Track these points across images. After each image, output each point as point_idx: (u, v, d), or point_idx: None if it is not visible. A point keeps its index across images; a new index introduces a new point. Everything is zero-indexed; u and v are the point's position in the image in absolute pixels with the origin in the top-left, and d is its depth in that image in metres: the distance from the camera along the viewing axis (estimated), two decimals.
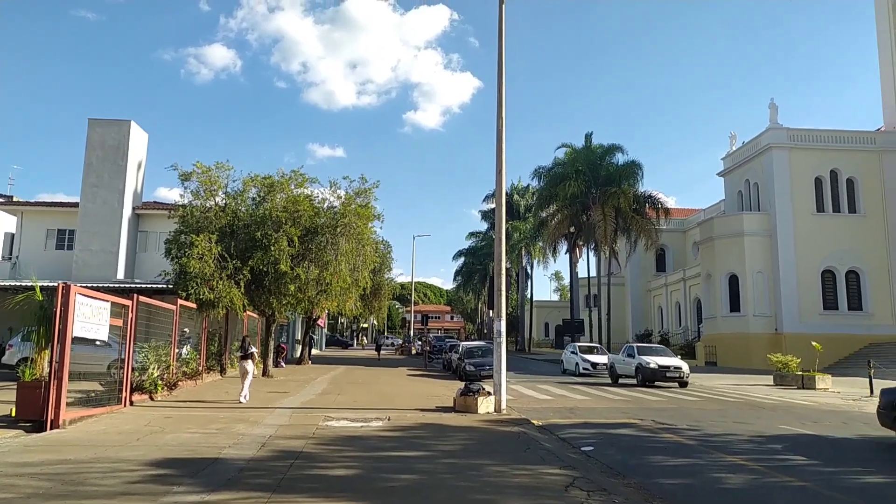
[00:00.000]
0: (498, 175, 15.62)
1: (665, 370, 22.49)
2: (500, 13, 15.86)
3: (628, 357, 24.30)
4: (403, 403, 15.34)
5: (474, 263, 66.78)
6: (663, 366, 22.60)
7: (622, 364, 24.61)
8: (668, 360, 23.08)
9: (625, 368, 24.35)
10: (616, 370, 25.04)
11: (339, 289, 22.89)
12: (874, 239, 35.68)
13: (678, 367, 22.61)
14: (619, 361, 24.99)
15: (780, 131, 36.70)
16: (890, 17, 37.30)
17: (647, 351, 24.46)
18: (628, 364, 24.02)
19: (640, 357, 23.35)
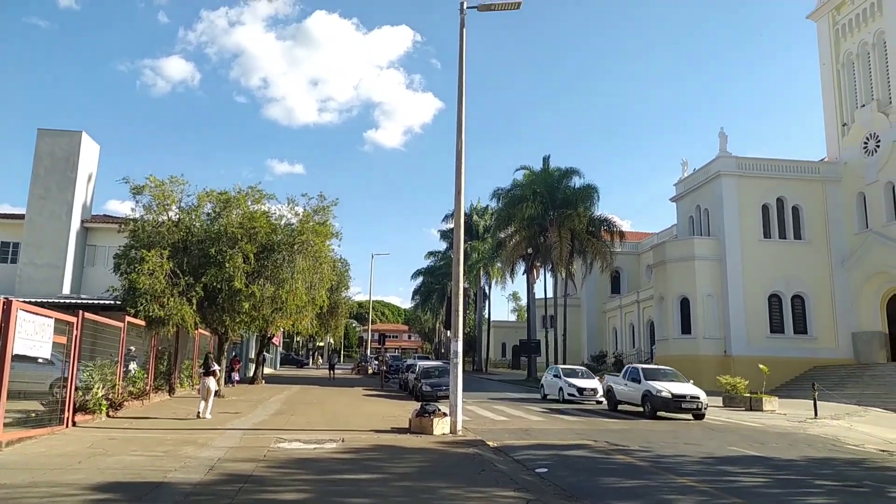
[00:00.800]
0: (457, 196, 15.73)
1: (680, 400, 18.97)
2: (461, 38, 16.08)
3: (632, 382, 20.93)
4: (358, 424, 15.15)
5: (433, 283, 66.74)
6: (679, 395, 19.05)
7: (624, 389, 21.40)
8: (683, 388, 19.53)
9: (627, 395, 21.16)
10: (615, 396, 21.94)
11: (294, 307, 22.55)
12: (818, 265, 37.05)
13: (695, 396, 19.08)
14: (619, 386, 21.83)
15: (730, 159, 37.97)
16: (832, 52, 39.20)
17: (656, 375, 20.77)
18: (632, 390, 20.72)
19: (649, 383, 19.94)
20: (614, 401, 21.96)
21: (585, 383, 25.41)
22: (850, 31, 38.12)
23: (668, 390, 19.21)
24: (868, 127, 36.03)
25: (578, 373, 27.11)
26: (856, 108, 37.25)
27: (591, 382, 25.57)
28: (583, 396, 24.79)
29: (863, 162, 36.10)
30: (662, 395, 19.18)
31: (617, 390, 21.95)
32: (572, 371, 27.24)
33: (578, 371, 27.53)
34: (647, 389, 19.74)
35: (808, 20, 41.27)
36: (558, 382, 25.89)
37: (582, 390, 24.93)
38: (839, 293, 36.39)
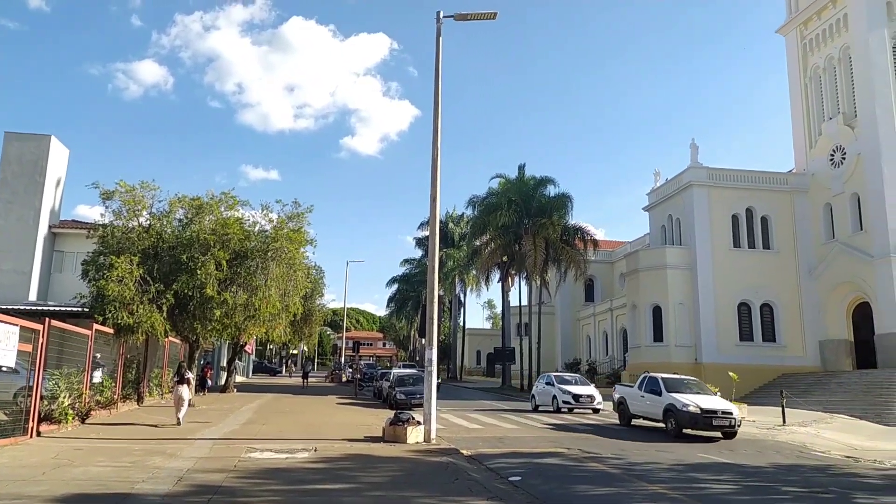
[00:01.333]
0: (432, 203, 15.75)
1: (711, 416, 16.30)
2: (438, 47, 16.15)
3: (650, 394, 18.37)
4: (331, 433, 15.03)
5: (408, 290, 66.61)
6: (709, 410, 16.36)
7: (640, 403, 18.82)
8: (712, 402, 17.07)
9: (644, 409, 18.68)
10: (629, 410, 19.40)
11: (268, 314, 22.37)
12: (786, 274, 37.78)
13: (727, 411, 16.51)
14: (633, 398, 19.18)
15: (701, 170, 38.60)
16: (800, 66, 40.14)
17: (679, 386, 18.16)
18: (651, 404, 18.18)
19: (672, 395, 17.36)
20: (627, 415, 19.34)
21: (581, 390, 24.04)
22: (817, 46, 39.09)
23: (696, 404, 16.43)
24: (834, 139, 36.92)
25: (572, 380, 25.80)
26: (823, 120, 38.15)
27: (587, 389, 24.32)
28: (579, 404, 23.41)
29: (829, 174, 36.96)
30: (690, 409, 16.37)
31: (631, 403, 19.27)
32: (565, 378, 26.01)
33: (572, 378, 26.22)
34: (671, 403, 17.01)
35: (777, 34, 42.26)
36: (551, 390, 24.60)
37: (578, 397, 23.50)
38: (806, 302, 37.13)
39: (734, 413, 16.54)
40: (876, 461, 14.13)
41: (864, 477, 11.79)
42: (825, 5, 38.00)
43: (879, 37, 34.71)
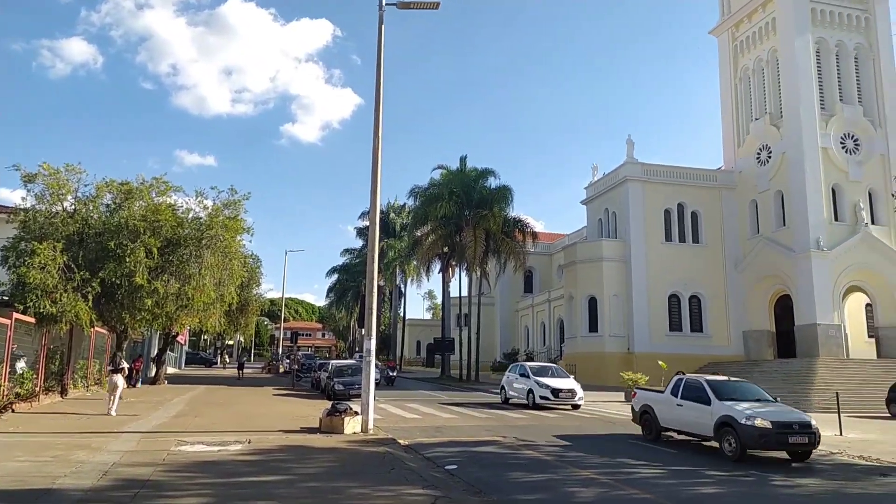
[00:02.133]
0: (373, 194, 15.65)
1: (786, 433, 12.01)
2: (380, 34, 15.99)
3: (690, 401, 13.60)
4: (266, 425, 14.78)
5: (348, 280, 66.01)
6: (783, 424, 12.09)
7: (676, 413, 14.02)
8: (783, 413, 12.69)
9: (683, 420, 13.86)
10: (657, 421, 14.62)
11: (201, 304, 21.74)
12: (713, 267, 39.42)
13: (804, 423, 12.30)
14: (664, 407, 14.47)
15: (636, 166, 39.75)
16: (730, 67, 41.77)
17: (730, 390, 13.56)
18: (694, 414, 13.45)
19: (726, 405, 12.71)
20: (655, 427, 14.68)
21: (561, 383, 22.04)
22: (747, 48, 40.75)
23: (765, 418, 12.02)
24: (761, 139, 38.63)
25: (549, 370, 23.45)
26: (751, 120, 39.85)
27: (567, 382, 22.22)
28: (559, 399, 21.54)
29: (756, 171, 38.67)
30: (757, 424, 11.84)
31: (660, 411, 14.58)
32: (542, 368, 23.64)
33: (549, 368, 23.84)
34: (728, 416, 12.36)
35: (710, 35, 43.80)
36: (526, 383, 22.56)
37: (558, 392, 21.53)
38: (732, 294, 38.83)
39: (812, 425, 12.21)
40: None
41: (780, 462, 12.45)
42: (755, 9, 39.62)
43: (805, 41, 36.46)
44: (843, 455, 13.17)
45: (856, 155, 36.25)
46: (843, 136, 36.34)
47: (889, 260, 34.87)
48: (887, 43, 37.47)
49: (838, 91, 37.10)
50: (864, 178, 36.00)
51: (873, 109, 37.17)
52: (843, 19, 37.82)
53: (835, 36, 37.50)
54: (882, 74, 37.45)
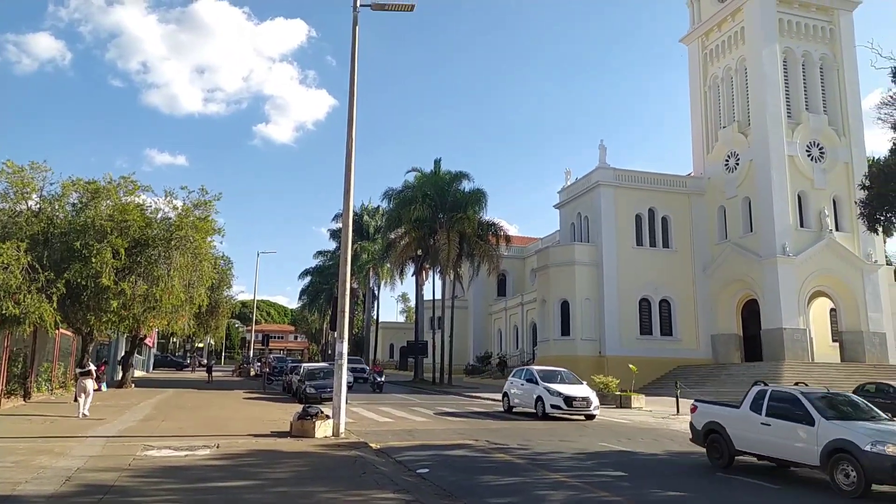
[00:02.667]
0: (346, 195, 15.58)
1: None
2: (354, 35, 15.93)
3: (779, 418, 10.94)
4: (236, 429, 14.58)
5: (321, 283, 65.52)
6: None
7: (759, 434, 11.15)
8: None
9: (768, 439, 11.05)
10: (730, 442, 11.59)
11: (170, 306, 21.43)
12: (683, 272, 40.03)
13: None
14: (742, 425, 11.43)
15: (608, 171, 40.20)
16: (700, 75, 42.54)
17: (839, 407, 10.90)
18: (785, 433, 10.74)
19: (838, 425, 10.05)
20: (727, 450, 11.61)
21: (574, 390, 19.73)
22: (716, 57, 41.53)
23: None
24: (730, 146, 39.37)
25: (558, 375, 20.96)
26: (720, 127, 40.60)
27: (581, 389, 19.94)
28: (572, 409, 19.18)
29: (724, 178, 39.38)
30: (890, 453, 9.17)
31: (736, 432, 11.51)
32: (551, 373, 21.04)
33: (558, 373, 21.20)
34: (844, 440, 9.68)
35: (681, 43, 44.53)
36: (534, 390, 20.05)
37: (571, 400, 19.12)
38: (701, 298, 39.46)
39: None
40: None
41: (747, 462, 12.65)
42: (725, 18, 40.39)
43: (772, 51, 37.28)
44: None
45: (821, 163, 37.15)
46: (809, 144, 37.23)
47: (852, 266, 35.79)
48: (851, 54, 38.48)
49: (804, 100, 38.01)
50: (829, 185, 36.92)
51: (838, 119, 38.15)
52: (810, 30, 38.78)
53: (801, 46, 38.43)
54: (846, 85, 38.47)
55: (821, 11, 39.17)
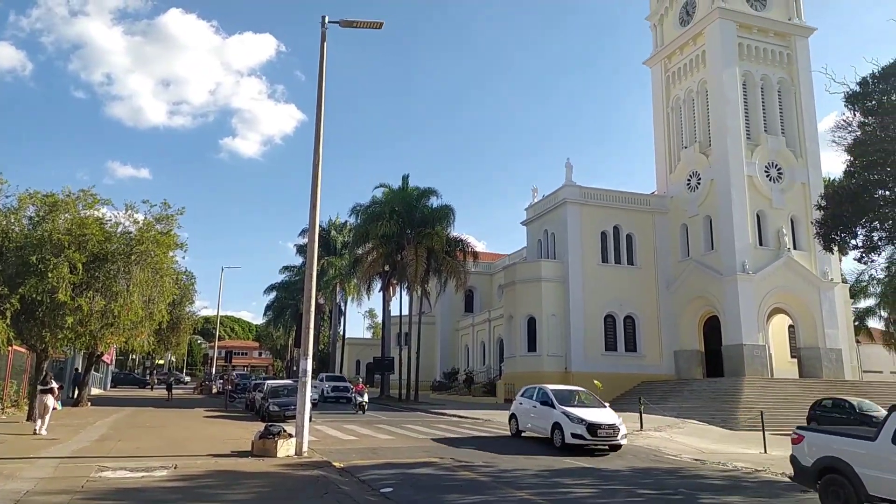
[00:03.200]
0: (312, 210, 15.49)
1: None
2: (322, 51, 15.95)
3: None
4: (195, 449, 14.23)
5: (287, 298, 64.77)
6: None
7: None
8: None
9: None
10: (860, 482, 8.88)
11: (128, 322, 20.86)
12: (647, 289, 40.58)
13: None
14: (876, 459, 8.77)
15: (574, 188, 40.70)
16: (663, 96, 43.52)
17: None
18: None
19: None
20: (856, 497, 8.94)
21: (599, 415, 16.36)
22: (678, 79, 42.57)
23: None
24: (691, 166, 40.25)
25: (575, 396, 17.92)
26: (682, 147, 41.50)
27: (606, 415, 16.59)
28: (597, 438, 15.72)
29: (686, 197, 40.20)
30: None
31: (869, 472, 8.86)
32: (568, 394, 17.93)
33: (574, 394, 18.20)
34: None
35: (644, 65, 45.55)
36: (551, 414, 16.87)
37: (596, 428, 15.72)
38: (664, 315, 40.04)
39: None
40: (720, 463, 15.41)
41: (709, 478, 12.81)
42: (687, 42, 41.48)
43: (732, 74, 38.36)
44: (767, 472, 13.66)
45: (779, 183, 38.20)
46: (768, 164, 38.28)
47: (809, 284, 36.76)
48: (807, 79, 39.79)
49: (763, 122, 39.13)
50: (787, 205, 37.95)
51: (795, 140, 39.34)
52: (768, 55, 40.04)
53: (760, 70, 39.63)
54: (803, 108, 39.73)
55: (778, 37, 40.50)
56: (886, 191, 17.62)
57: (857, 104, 18.16)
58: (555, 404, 16.91)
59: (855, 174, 18.05)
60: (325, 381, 39.83)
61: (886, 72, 17.79)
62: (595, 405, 17.35)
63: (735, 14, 39.13)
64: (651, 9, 45.33)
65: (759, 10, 40.28)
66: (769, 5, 40.62)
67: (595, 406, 17.31)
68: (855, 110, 18.41)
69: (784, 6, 41.09)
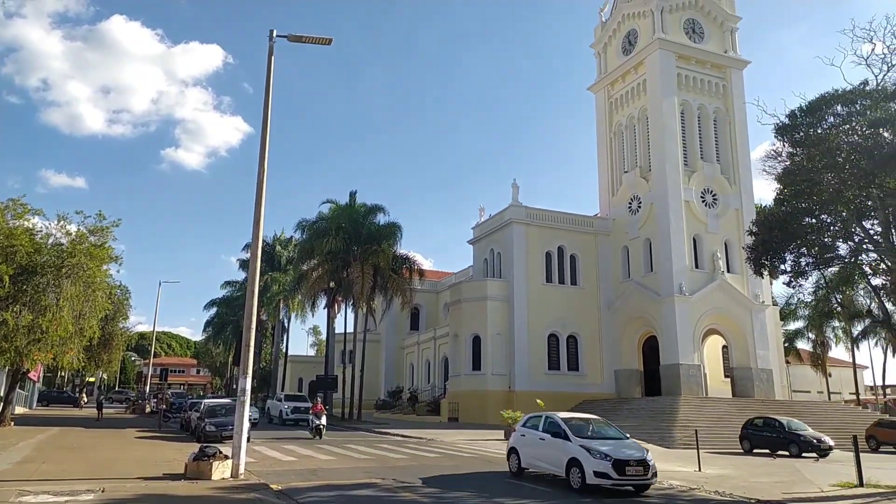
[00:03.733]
0: (255, 226, 15.26)
1: None
2: (269, 65, 15.81)
3: None
4: (125, 471, 13.65)
5: (228, 314, 63.15)
6: None
7: None
8: None
9: None
10: None
11: (57, 338, 20.01)
12: (589, 309, 41.39)
13: None
14: None
15: (520, 209, 41.33)
16: (606, 122, 44.81)
17: None
18: None
19: None
20: None
21: (625, 449, 13.51)
22: (621, 105, 43.95)
23: None
24: (632, 189, 41.46)
25: (589, 426, 14.86)
26: (624, 172, 42.73)
27: (632, 448, 13.76)
28: (625, 478, 13.01)
29: (628, 219, 41.34)
30: None
31: None
32: (582, 424, 14.86)
33: (589, 423, 15.07)
34: None
35: (589, 91, 46.85)
36: (565, 448, 13.77)
37: (623, 465, 12.96)
38: (606, 334, 40.87)
39: None
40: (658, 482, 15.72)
41: (648, 498, 13.06)
42: (629, 70, 42.93)
43: (671, 103, 39.86)
44: (701, 490, 14.01)
45: (714, 208, 39.73)
46: (704, 190, 39.79)
47: (742, 306, 38.20)
48: (741, 109, 41.68)
49: (700, 149, 40.72)
50: (721, 230, 39.46)
51: (729, 168, 41.06)
52: (705, 85, 41.80)
53: (697, 100, 41.31)
54: (737, 137, 41.56)
55: (715, 69, 42.36)
56: (813, 218, 18.51)
57: (786, 136, 19.10)
58: (570, 436, 13.92)
59: (784, 202, 18.90)
60: (285, 402, 36.51)
61: (812, 106, 18.79)
62: (616, 436, 14.48)
63: (674, 45, 40.78)
64: (596, 37, 46.78)
65: (697, 42, 42.09)
66: (707, 38, 42.50)
67: (616, 437, 14.40)
68: (784, 141, 19.36)
69: (720, 39, 43.08)
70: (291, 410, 34.83)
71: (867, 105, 17.48)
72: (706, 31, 42.62)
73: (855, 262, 19.14)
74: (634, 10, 42.99)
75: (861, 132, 17.21)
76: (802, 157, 18.43)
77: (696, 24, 42.50)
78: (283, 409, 35.46)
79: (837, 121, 18.17)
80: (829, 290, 46.13)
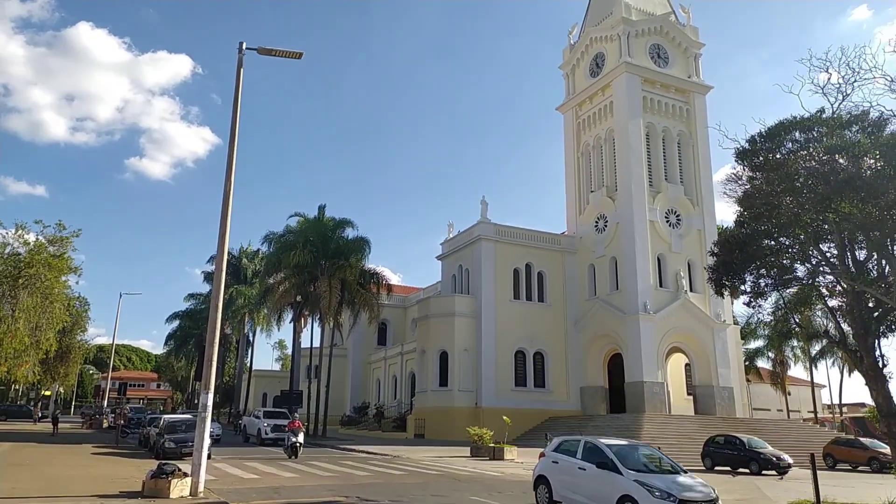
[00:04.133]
0: (221, 238, 15.11)
1: None
2: (238, 77, 15.73)
3: None
4: (79, 489, 13.26)
5: (191, 327, 62.04)
6: None
7: None
8: None
9: None
10: None
11: (12, 350, 19.41)
12: (556, 326, 41.75)
13: None
14: None
15: (489, 225, 41.62)
16: (574, 142, 45.55)
17: None
18: None
19: None
20: None
21: (689, 486, 11.33)
22: (588, 126, 44.74)
23: None
24: (599, 209, 42.11)
25: (636, 452, 12.61)
26: (590, 191, 43.39)
27: (695, 484, 11.48)
28: None
29: (594, 238, 41.93)
30: None
31: None
32: (632, 452, 12.53)
33: (637, 449, 12.88)
34: None
35: (557, 111, 47.59)
36: (616, 483, 11.51)
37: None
38: (572, 352, 41.22)
39: None
40: None
41: None
42: (596, 92, 43.79)
43: (637, 124, 40.72)
44: None
45: (678, 229, 40.56)
46: (668, 211, 40.62)
47: (704, 324, 38.93)
48: (704, 133, 42.77)
49: (664, 171, 41.62)
50: (684, 250, 40.28)
51: (692, 189, 42.02)
52: (670, 108, 42.83)
53: (662, 122, 42.28)
54: (700, 159, 42.61)
55: (679, 93, 43.46)
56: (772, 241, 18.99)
57: (746, 160, 19.60)
58: (619, 468, 11.55)
59: (744, 224, 19.35)
60: (264, 419, 32.62)
61: (772, 132, 19.33)
62: (670, 469, 12.12)
63: (640, 69, 41.75)
64: (564, 58, 47.64)
65: (662, 66, 43.17)
66: (671, 63, 43.62)
67: (671, 471, 12.02)
68: (744, 165, 19.84)
69: (685, 65, 44.26)
70: (272, 429, 30.96)
71: (823, 132, 18.05)
72: (671, 57, 43.76)
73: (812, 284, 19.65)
74: (602, 33, 43.95)
75: (818, 158, 17.76)
76: (762, 181, 18.93)
77: (661, 49, 43.62)
78: (262, 427, 31.73)
79: (795, 146, 18.72)
80: (787, 311, 46.88)
